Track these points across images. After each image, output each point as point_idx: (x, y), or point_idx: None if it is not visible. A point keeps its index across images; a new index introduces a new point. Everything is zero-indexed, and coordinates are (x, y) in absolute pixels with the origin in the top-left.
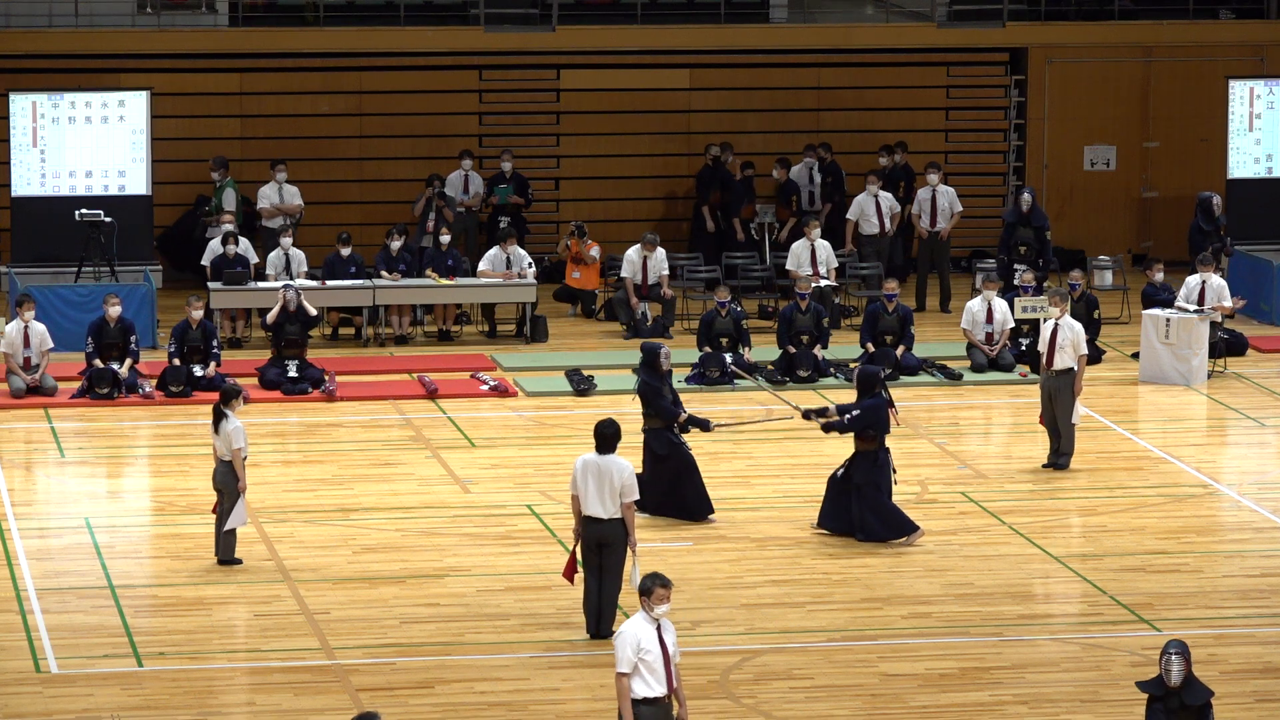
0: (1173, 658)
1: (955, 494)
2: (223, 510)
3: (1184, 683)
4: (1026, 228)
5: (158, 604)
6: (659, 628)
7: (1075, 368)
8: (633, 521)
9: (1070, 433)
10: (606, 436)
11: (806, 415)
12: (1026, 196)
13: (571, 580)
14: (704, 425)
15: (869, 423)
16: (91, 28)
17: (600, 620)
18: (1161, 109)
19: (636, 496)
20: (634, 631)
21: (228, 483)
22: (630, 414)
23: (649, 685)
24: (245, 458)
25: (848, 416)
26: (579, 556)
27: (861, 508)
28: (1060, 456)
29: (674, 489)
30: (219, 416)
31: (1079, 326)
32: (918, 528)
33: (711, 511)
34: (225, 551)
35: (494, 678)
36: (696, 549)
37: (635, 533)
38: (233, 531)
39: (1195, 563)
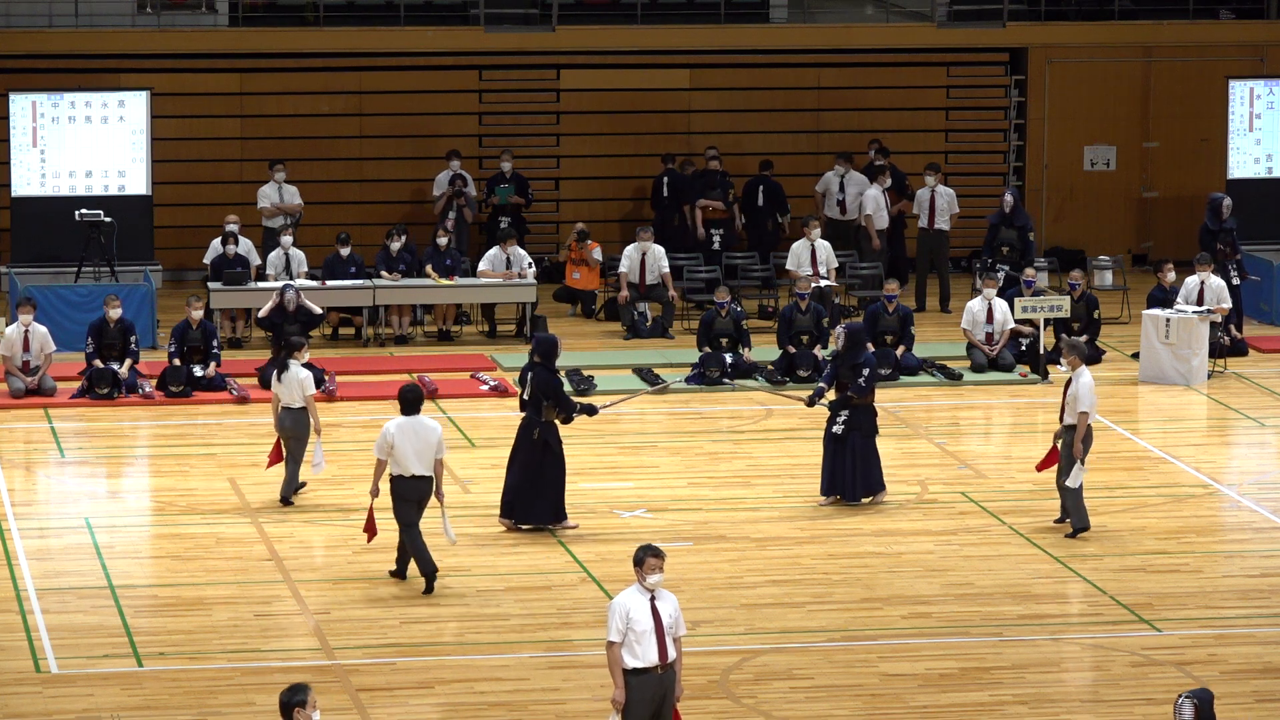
0: (1184, 703)
1: (955, 494)
2: (293, 454)
3: None
4: (1009, 228)
5: (158, 604)
6: (653, 599)
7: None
8: (442, 476)
9: (1071, 497)
10: (412, 400)
11: (811, 403)
12: (1008, 197)
13: (370, 538)
14: (591, 410)
15: (877, 377)
16: (91, 28)
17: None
18: (1161, 109)
19: (446, 453)
20: (624, 602)
21: (299, 428)
22: (629, 413)
23: (636, 656)
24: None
25: (862, 380)
26: (375, 513)
27: (855, 463)
28: (1073, 530)
29: (556, 488)
30: (283, 368)
31: (1086, 381)
32: (884, 487)
33: (566, 518)
34: (288, 489)
35: (494, 678)
36: (696, 549)
37: (444, 486)
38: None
39: (1195, 563)
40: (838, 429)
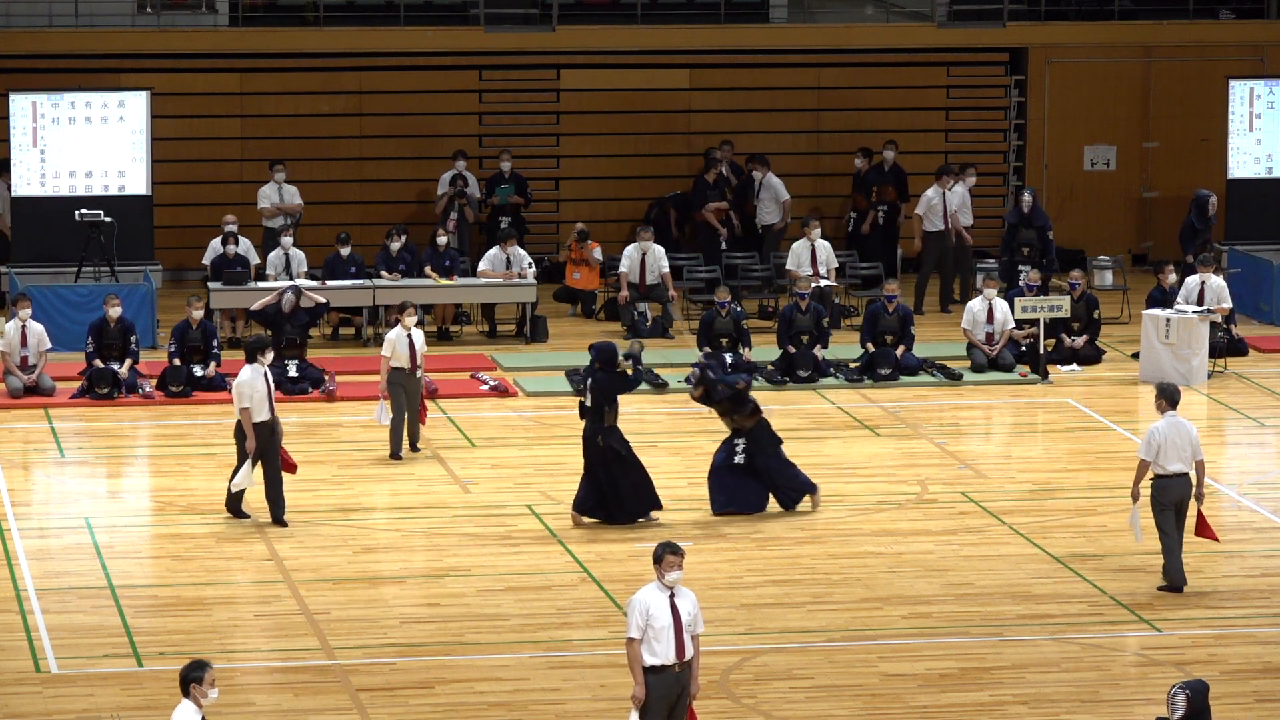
0: (1177, 694)
1: (955, 494)
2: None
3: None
4: (1028, 228)
5: (158, 604)
6: (672, 596)
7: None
8: (249, 426)
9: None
10: (249, 349)
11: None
12: (1027, 197)
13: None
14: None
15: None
16: (91, 28)
17: (272, 510)
18: (1161, 109)
19: (245, 405)
20: (643, 599)
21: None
22: (629, 413)
23: (654, 653)
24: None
25: (719, 390)
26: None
27: (774, 479)
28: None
29: (642, 485)
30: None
31: (1155, 425)
32: (815, 486)
33: (660, 506)
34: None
35: (494, 678)
36: (696, 549)
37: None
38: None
39: (1195, 563)
40: (739, 459)
